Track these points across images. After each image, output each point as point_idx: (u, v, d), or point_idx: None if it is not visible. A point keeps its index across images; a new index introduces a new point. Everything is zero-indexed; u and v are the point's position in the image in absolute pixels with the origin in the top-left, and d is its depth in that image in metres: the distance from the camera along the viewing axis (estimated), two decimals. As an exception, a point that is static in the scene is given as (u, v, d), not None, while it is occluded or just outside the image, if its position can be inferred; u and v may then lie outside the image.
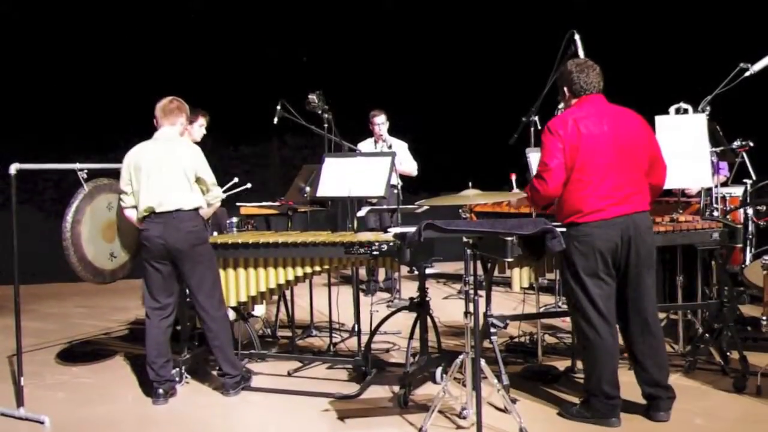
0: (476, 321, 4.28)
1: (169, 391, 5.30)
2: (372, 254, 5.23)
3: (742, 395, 5.20)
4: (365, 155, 6.46)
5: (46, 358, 6.46)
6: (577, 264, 4.65)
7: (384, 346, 6.46)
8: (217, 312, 5.34)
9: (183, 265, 5.22)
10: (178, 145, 5.33)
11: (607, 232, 4.59)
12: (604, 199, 4.58)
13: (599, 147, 4.59)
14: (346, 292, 6.98)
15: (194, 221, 5.24)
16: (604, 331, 4.67)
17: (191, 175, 5.25)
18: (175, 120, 5.39)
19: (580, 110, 4.70)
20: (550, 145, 4.66)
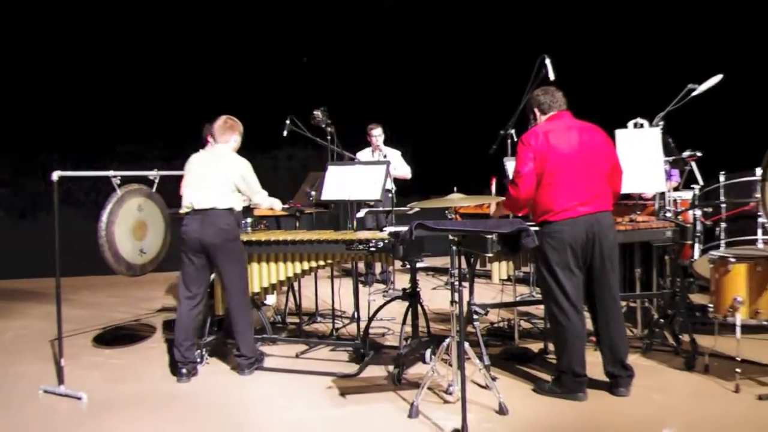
0: (461, 308, 4.27)
1: (191, 371, 5.28)
2: (370, 250, 5.23)
3: (692, 373, 5.21)
4: (363, 164, 6.44)
5: (83, 342, 6.45)
6: (550, 257, 4.67)
7: (380, 331, 6.44)
8: (241, 301, 5.33)
9: (215, 258, 5.22)
10: (227, 157, 5.36)
11: (575, 229, 4.62)
12: (572, 200, 4.62)
13: (566, 156, 4.63)
14: (347, 284, 6.97)
15: (227, 219, 5.23)
16: (574, 317, 4.68)
17: (232, 183, 5.27)
18: (229, 137, 5.43)
19: (549, 124, 4.76)
20: (522, 155, 4.71)
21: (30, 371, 5.54)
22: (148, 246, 5.70)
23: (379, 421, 4.46)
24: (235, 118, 5.46)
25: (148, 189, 5.65)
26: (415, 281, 5.37)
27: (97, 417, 4.61)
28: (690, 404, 4.66)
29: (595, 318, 4.84)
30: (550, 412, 4.54)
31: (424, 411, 4.51)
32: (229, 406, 4.77)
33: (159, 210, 5.77)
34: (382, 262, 5.92)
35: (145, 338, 6.55)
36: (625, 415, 4.48)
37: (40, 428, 4.45)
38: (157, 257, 5.79)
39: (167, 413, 4.65)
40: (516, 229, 4.39)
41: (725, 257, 5.04)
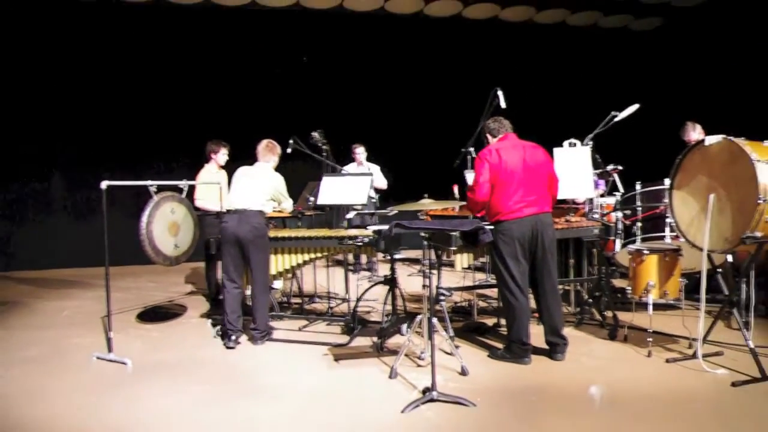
0: (431, 291, 4.29)
1: (239, 337, 5.32)
2: (357, 244, 5.26)
3: (614, 342, 5.26)
4: (352, 175, 6.43)
5: (128, 318, 6.42)
6: (502, 249, 4.71)
7: (366, 310, 6.44)
8: (263, 285, 5.32)
9: (247, 249, 5.22)
10: (267, 172, 5.45)
11: (521, 227, 4.66)
12: (519, 203, 4.66)
13: (514, 168, 4.67)
14: (339, 271, 6.98)
15: (258, 219, 5.25)
16: (521, 298, 4.72)
17: (269, 192, 5.36)
18: (269, 158, 5.52)
19: (500, 143, 4.81)
20: (479, 167, 4.75)
21: (84, 342, 5.51)
22: (181, 241, 5.68)
23: (366, 380, 4.47)
24: (275, 142, 5.55)
25: (179, 195, 5.64)
26: (394, 269, 5.39)
27: (139, 378, 4.61)
28: (612, 366, 4.70)
29: (538, 298, 4.88)
30: (502, 373, 4.57)
31: (402, 373, 4.52)
32: (246, 370, 4.77)
33: (188, 212, 5.75)
34: (367, 254, 5.94)
35: (178, 315, 6.51)
36: (561, 374, 4.52)
37: (94, 387, 4.44)
38: (188, 251, 5.78)
39: (196, 375, 4.65)
40: (475, 227, 4.43)
41: (640, 250, 5.10)
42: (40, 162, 9.68)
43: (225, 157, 6.73)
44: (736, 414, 3.79)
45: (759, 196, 4.11)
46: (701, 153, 4.58)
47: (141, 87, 9.86)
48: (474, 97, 6.20)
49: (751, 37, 9.15)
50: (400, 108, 10.71)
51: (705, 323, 4.66)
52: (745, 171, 4.22)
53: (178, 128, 9.75)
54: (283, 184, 5.47)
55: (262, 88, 10.28)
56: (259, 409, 3.98)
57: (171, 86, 9.93)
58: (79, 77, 9.63)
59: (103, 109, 9.76)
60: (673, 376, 4.42)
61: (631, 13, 10.72)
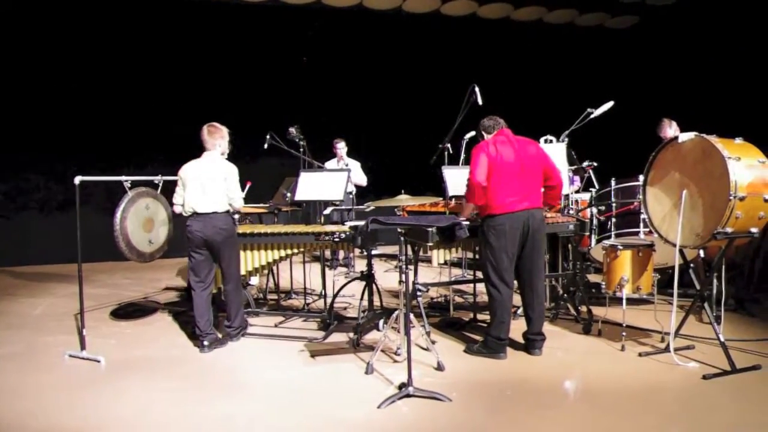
0: (407, 287, 4.28)
1: (212, 342, 5.15)
2: (334, 240, 5.23)
3: (588, 336, 5.33)
4: (329, 171, 6.43)
5: (102, 316, 6.37)
6: (493, 243, 4.71)
7: (343, 305, 6.46)
8: (236, 280, 5.25)
9: (217, 251, 5.11)
10: (216, 162, 5.16)
11: (514, 221, 4.66)
12: (512, 198, 4.66)
13: (508, 162, 4.67)
14: (316, 267, 6.98)
15: (225, 220, 5.10)
16: (505, 292, 4.74)
17: (224, 188, 5.11)
18: (214, 143, 5.17)
19: (496, 138, 4.80)
20: (477, 159, 4.72)
21: (57, 340, 5.46)
22: (155, 237, 5.65)
23: (342, 376, 4.47)
24: (216, 124, 5.21)
25: (154, 191, 5.60)
26: (370, 265, 5.42)
27: (113, 376, 4.57)
28: (587, 360, 4.76)
29: (524, 293, 4.89)
30: (478, 368, 4.59)
31: (378, 368, 4.53)
32: (222, 367, 4.75)
33: (163, 208, 5.71)
34: (344, 250, 5.93)
35: (153, 312, 6.47)
36: (537, 369, 4.56)
37: (68, 385, 4.40)
38: (163, 246, 5.74)
39: (171, 373, 4.62)
40: (451, 223, 4.43)
41: (615, 245, 5.16)
42: (11, 156, 9.54)
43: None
44: (706, 406, 3.86)
45: (730, 192, 4.18)
46: (674, 150, 4.65)
47: (116, 79, 9.75)
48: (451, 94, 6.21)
49: (725, 35, 9.30)
50: (378, 104, 10.73)
51: (677, 317, 4.75)
52: (716, 167, 4.29)
53: (154, 123, 9.66)
54: (233, 177, 5.14)
55: (239, 83, 10.22)
56: (235, 407, 3.97)
57: (148, 80, 9.83)
58: (51, 69, 9.50)
59: (77, 101, 9.64)
60: (646, 370, 4.49)
61: (607, 11, 10.84)
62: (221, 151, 5.23)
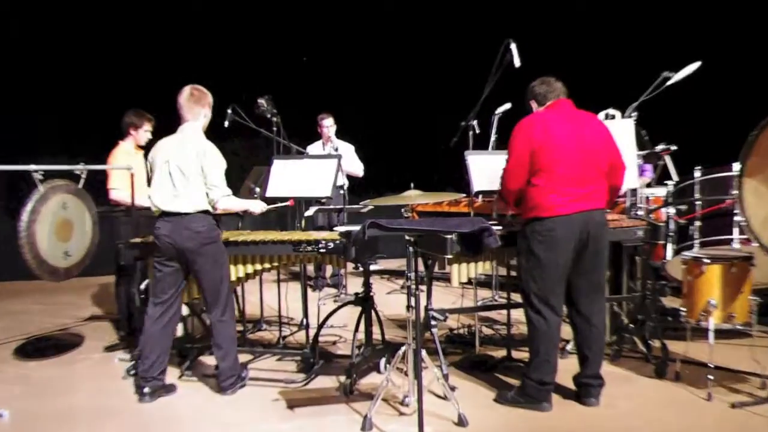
0: (418, 314, 4.32)
1: (156, 390, 5.15)
2: (319, 251, 5.25)
3: (662, 380, 5.35)
4: (312, 158, 6.47)
5: (4, 354, 6.37)
6: (539, 255, 4.72)
7: (331, 339, 6.49)
8: (224, 308, 5.22)
9: (193, 263, 5.11)
10: (195, 142, 5.14)
11: (567, 227, 4.67)
12: (566, 195, 4.65)
13: (563, 147, 4.67)
14: (295, 288, 6.97)
15: (201, 222, 5.09)
16: (551, 320, 4.78)
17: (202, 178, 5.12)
18: (198, 113, 5.21)
19: (548, 113, 4.82)
20: (516, 143, 4.75)
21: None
22: (74, 248, 5.66)
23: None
24: (201, 88, 5.24)
25: (74, 185, 5.62)
26: (368, 285, 5.45)
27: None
28: (660, 414, 4.76)
29: (577, 322, 4.92)
30: (513, 423, 4.62)
31: (379, 424, 4.56)
32: (168, 423, 4.75)
33: (86, 208, 5.73)
34: (332, 265, 5.96)
35: (73, 348, 6.48)
36: (593, 426, 4.58)
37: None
38: (84, 260, 5.76)
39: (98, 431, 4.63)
40: (478, 228, 4.45)
41: (699, 258, 5.17)
42: None
43: (147, 135, 6.73)
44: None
45: None
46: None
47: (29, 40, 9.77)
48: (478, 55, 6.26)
49: None
50: (379, 70, 10.71)
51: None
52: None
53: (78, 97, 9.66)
54: (212, 158, 5.12)
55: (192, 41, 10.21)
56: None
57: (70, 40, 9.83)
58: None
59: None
60: (741, 427, 4.51)
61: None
62: (203, 125, 5.28)
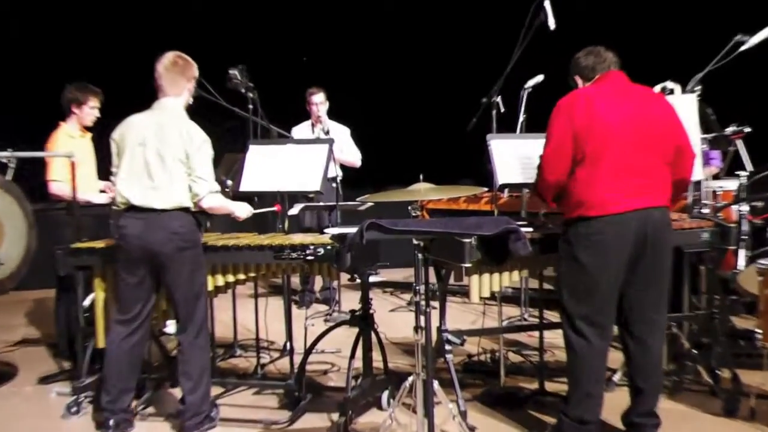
0: (428, 337, 4.30)
1: (121, 423, 5.17)
2: (306, 259, 5.25)
3: (733, 419, 5.29)
4: (298, 143, 6.43)
5: None
6: (583, 266, 4.66)
7: (321, 368, 6.51)
8: (198, 332, 5.21)
9: (165, 272, 5.10)
10: (177, 122, 5.16)
11: (621, 229, 4.59)
12: (618, 190, 4.58)
13: (616, 130, 4.59)
14: (276, 305, 6.96)
15: (179, 220, 5.10)
16: (596, 344, 4.71)
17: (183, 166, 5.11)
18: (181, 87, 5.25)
19: (596, 88, 4.77)
20: (557, 125, 4.68)
21: None
22: (6, 255, 5.66)
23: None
24: (186, 57, 5.29)
25: (1, 177, 5.63)
26: (367, 301, 5.44)
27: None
28: (730, 460, 4.76)
29: (628, 349, 4.87)
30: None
31: (380, 474, 4.55)
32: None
33: (18, 206, 5.72)
34: (323, 276, 5.93)
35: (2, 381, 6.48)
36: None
37: None
38: (19, 271, 5.75)
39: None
40: (503, 230, 4.37)
41: (778, 267, 5.15)
42: None
43: (94, 113, 6.75)
44: None
45: None
46: None
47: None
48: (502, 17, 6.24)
49: None
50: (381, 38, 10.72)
51: None
52: None
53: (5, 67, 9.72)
54: (204, 149, 5.10)
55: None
56: None
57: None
58: None
59: None
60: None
61: None
62: (186, 101, 5.31)
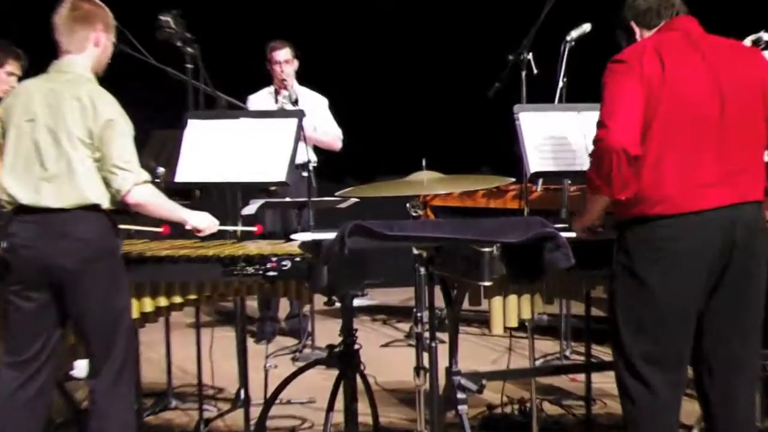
0: (434, 382, 4.31)
1: None
2: (267, 276, 5.22)
3: None
4: (255, 116, 6.39)
5: None
6: (646, 283, 4.58)
7: (288, 424, 6.53)
8: (115, 373, 5.11)
9: (70, 294, 5.02)
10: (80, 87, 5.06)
11: (699, 234, 4.52)
12: (697, 180, 4.50)
13: (693, 97, 4.51)
14: (226, 338, 6.98)
15: (87, 224, 5.02)
16: (663, 393, 4.65)
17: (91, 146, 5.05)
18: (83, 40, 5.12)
19: (663, 39, 4.66)
20: (619, 80, 4.54)
21: None
22: None
23: None
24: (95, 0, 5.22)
25: None
26: (350, 332, 5.40)
27: None
28: None
29: (708, 399, 4.80)
30: None
31: None
32: None
33: None
34: (290, 299, 5.90)
35: None
36: None
37: None
38: None
39: None
40: (535, 235, 4.39)
41: None
42: None
43: (11, 81, 6.87)
44: None
45: None
46: None
47: None
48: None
49: None
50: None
51: None
52: None
53: None
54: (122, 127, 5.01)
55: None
56: None
57: None
58: None
59: None
60: None
61: None
62: (94, 61, 5.22)
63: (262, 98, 8.74)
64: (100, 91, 5.05)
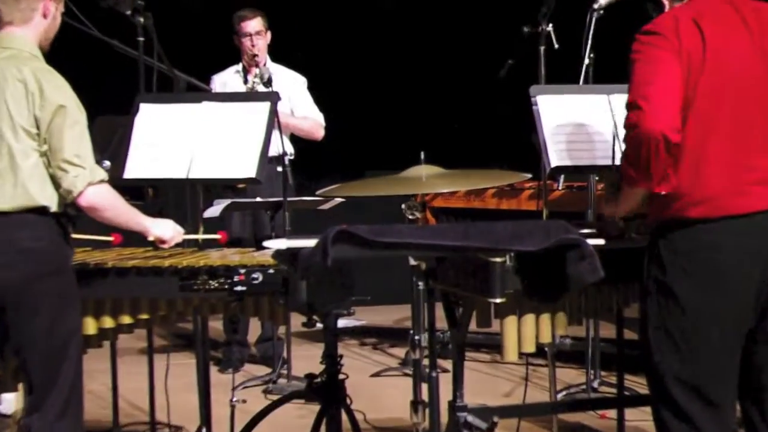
0: (435, 418, 4.33)
1: None
2: (234, 291, 5.22)
3: None
4: (221, 99, 6.42)
5: None
6: (686, 302, 4.58)
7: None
8: (60, 407, 5.05)
9: (12, 315, 5.00)
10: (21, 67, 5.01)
11: (747, 242, 4.51)
12: (745, 175, 4.50)
13: (735, 75, 4.52)
14: (185, 366, 6.99)
15: (33, 231, 4.99)
16: (706, 428, 4.67)
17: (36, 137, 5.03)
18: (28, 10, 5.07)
19: (700, 7, 4.63)
20: (652, 57, 4.51)
21: None
22: None
23: None
24: None
25: None
26: (334, 359, 5.42)
27: None
28: None
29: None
30: None
31: None
32: None
33: None
34: (261, 319, 5.93)
35: None
36: None
37: None
38: None
39: None
40: (557, 243, 4.42)
41: None
42: None
43: None
44: None
45: None
46: None
47: None
48: None
49: None
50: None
51: None
52: None
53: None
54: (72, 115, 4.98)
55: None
56: None
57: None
58: None
59: None
60: None
61: None
62: (41, 33, 5.20)
63: (228, 78, 8.74)
64: (49, 71, 5.01)
